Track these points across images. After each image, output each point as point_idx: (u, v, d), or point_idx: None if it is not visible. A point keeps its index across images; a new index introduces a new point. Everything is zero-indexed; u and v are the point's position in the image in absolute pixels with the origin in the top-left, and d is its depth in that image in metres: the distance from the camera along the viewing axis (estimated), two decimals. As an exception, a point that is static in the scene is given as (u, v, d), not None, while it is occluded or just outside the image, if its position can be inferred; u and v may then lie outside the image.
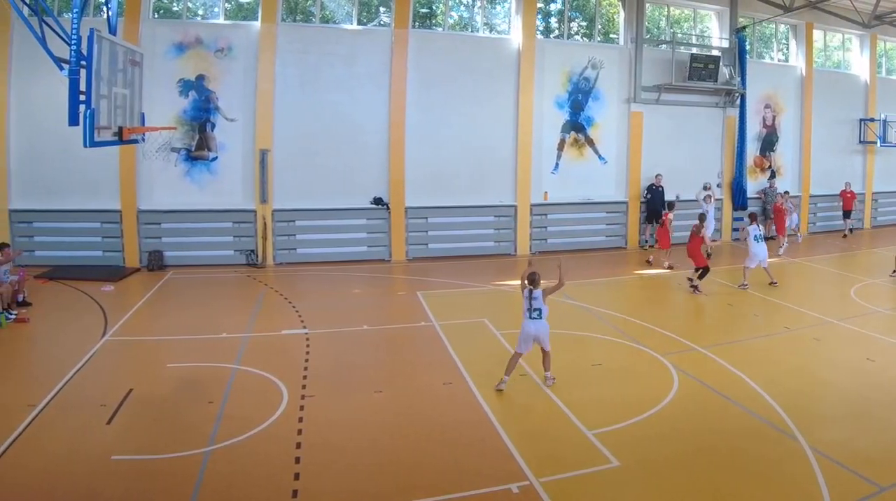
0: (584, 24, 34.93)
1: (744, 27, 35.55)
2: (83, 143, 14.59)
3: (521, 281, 15.23)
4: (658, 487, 11.26)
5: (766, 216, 35.08)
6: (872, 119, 39.93)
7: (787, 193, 35.14)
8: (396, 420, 13.89)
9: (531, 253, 16.90)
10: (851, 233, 35.87)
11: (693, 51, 35.19)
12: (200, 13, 29.73)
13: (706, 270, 24.38)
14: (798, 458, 12.02)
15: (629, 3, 33.80)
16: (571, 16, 34.51)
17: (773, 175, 37.24)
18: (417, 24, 31.23)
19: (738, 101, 35.75)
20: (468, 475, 11.50)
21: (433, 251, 31.07)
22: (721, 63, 34.93)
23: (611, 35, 34.78)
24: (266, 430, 13.05)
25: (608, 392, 15.30)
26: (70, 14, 15.40)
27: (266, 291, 24.98)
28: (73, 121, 14.49)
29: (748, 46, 36.18)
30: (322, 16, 30.53)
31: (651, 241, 32.68)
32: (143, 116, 18.74)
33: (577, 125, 33.20)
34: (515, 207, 32.17)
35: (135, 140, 18.37)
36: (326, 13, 30.90)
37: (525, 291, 15.07)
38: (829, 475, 11.36)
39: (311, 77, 29.35)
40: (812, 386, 15.81)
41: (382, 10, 31.24)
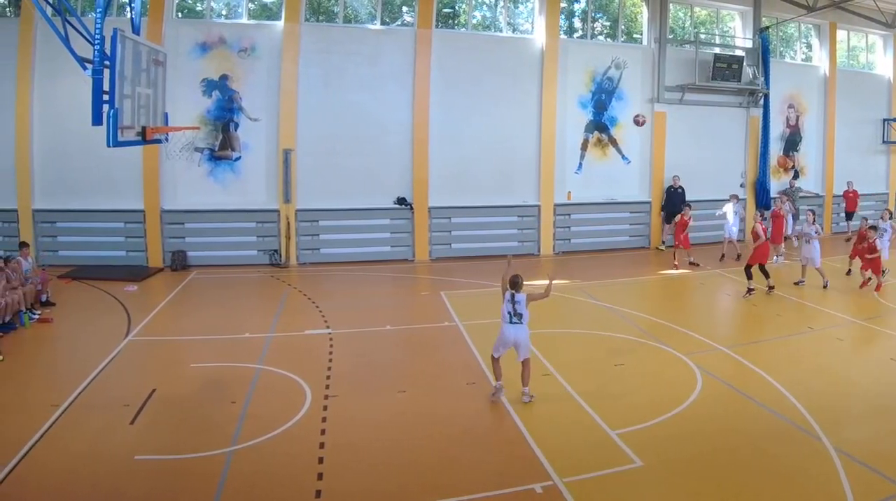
0: (608, 24, 34.80)
1: (767, 27, 35.35)
2: (106, 143, 14.60)
3: (503, 284, 14.85)
4: (681, 487, 11.17)
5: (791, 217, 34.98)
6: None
7: (787, 195, 33.42)
8: (419, 420, 13.83)
9: (510, 256, 16.52)
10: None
11: (716, 51, 35.04)
12: (224, 13, 29.76)
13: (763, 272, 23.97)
14: (821, 458, 11.90)
15: (652, 3, 33.65)
16: (595, 16, 34.39)
17: (797, 175, 37.07)
18: (440, 24, 31.19)
19: (762, 101, 35.51)
20: (492, 475, 11.45)
21: (456, 251, 31.06)
22: (744, 63, 34.73)
23: (634, 35, 34.64)
24: (289, 430, 13.04)
25: (631, 392, 15.20)
26: (93, 14, 15.39)
27: (289, 291, 25.00)
28: (97, 120, 14.51)
29: (771, 46, 35.99)
30: (345, 15, 30.51)
31: (669, 242, 32.55)
32: (167, 116, 18.75)
33: (601, 125, 33.09)
34: (539, 207, 32.11)
35: (158, 140, 18.39)
36: (350, 13, 30.90)
37: (507, 294, 14.61)
38: (853, 475, 11.24)
39: (335, 77, 29.34)
40: (836, 386, 15.69)
41: (405, 10, 31.24)
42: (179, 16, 28.75)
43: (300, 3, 28.55)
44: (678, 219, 28.75)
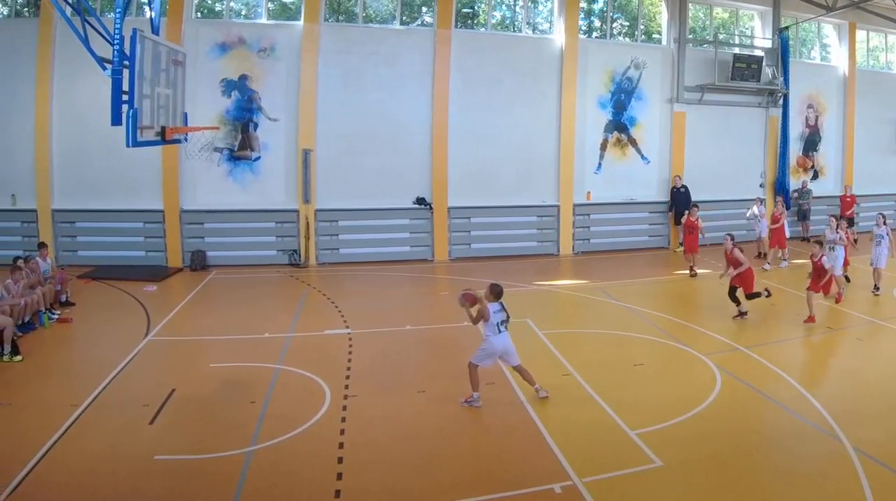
0: (627, 24, 34.77)
1: (786, 27, 35.23)
2: (126, 143, 14.60)
3: (484, 296, 14.48)
4: (700, 487, 11.11)
5: (803, 217, 34.86)
6: (916, 120, 39.23)
7: (760, 200, 32.74)
8: (439, 420, 13.79)
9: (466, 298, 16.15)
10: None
11: (736, 51, 34.89)
12: (243, 13, 29.86)
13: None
14: (840, 458, 11.83)
15: (672, 3, 33.54)
16: (614, 16, 34.34)
17: (816, 175, 36.94)
18: (460, 24, 31.21)
19: (781, 101, 35.38)
20: (511, 475, 11.42)
21: (476, 251, 31.03)
22: (764, 63, 34.59)
23: (653, 35, 34.55)
24: (309, 430, 13.03)
25: (650, 392, 15.16)
26: (113, 14, 15.46)
27: (308, 291, 25.02)
28: (116, 120, 14.50)
29: (791, 46, 35.86)
30: (365, 15, 30.53)
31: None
32: (186, 116, 18.75)
33: (620, 125, 33.01)
34: (558, 207, 32.04)
35: (177, 140, 18.39)
36: (369, 13, 30.92)
37: (495, 305, 14.47)
38: (872, 475, 11.16)
39: (354, 77, 29.34)
40: (855, 386, 15.64)
41: (425, 10, 31.23)
42: (199, 16, 28.85)
43: (320, 3, 28.59)
44: (684, 220, 28.41)
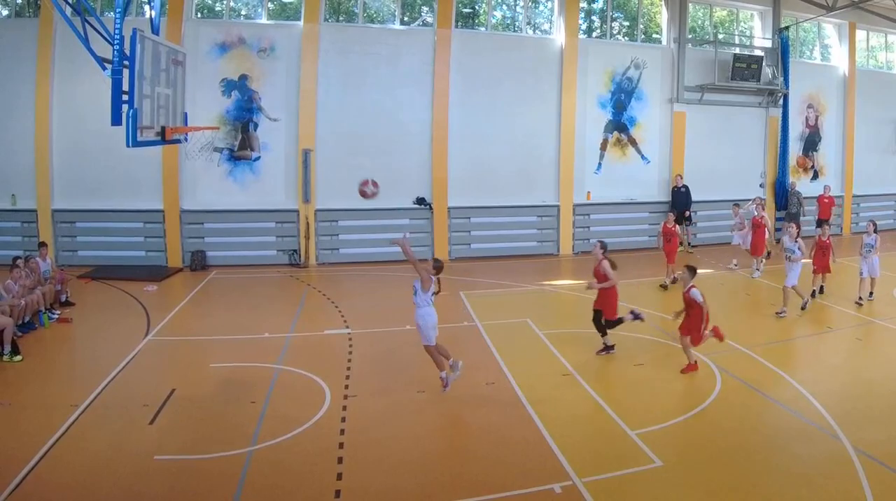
0: (627, 24, 34.77)
1: (786, 27, 35.23)
2: (126, 143, 14.59)
3: (431, 272, 14.79)
4: (701, 487, 11.12)
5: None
6: (915, 119, 39.21)
7: (761, 199, 30.84)
8: (439, 419, 13.87)
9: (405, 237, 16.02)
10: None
11: (736, 51, 34.88)
12: (243, 13, 29.87)
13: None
14: (840, 458, 11.86)
15: (672, 3, 33.55)
16: (614, 16, 34.34)
17: (816, 175, 36.95)
18: (460, 24, 31.21)
19: (781, 101, 35.40)
20: (511, 474, 11.43)
21: (476, 251, 31.05)
22: (764, 63, 34.59)
23: (653, 35, 34.54)
24: (309, 430, 13.04)
25: (651, 391, 15.19)
26: (113, 14, 15.43)
27: (308, 291, 25.04)
28: (116, 120, 14.49)
29: (791, 46, 35.85)
30: (365, 15, 30.53)
31: (693, 241, 32.47)
32: (186, 116, 18.73)
33: (620, 125, 33.01)
34: (558, 207, 32.06)
35: (177, 140, 18.37)
36: (369, 13, 30.91)
37: (434, 278, 14.78)
38: (872, 475, 11.19)
39: (354, 77, 29.32)
40: (855, 386, 15.69)
41: (425, 10, 31.21)
42: (199, 16, 28.83)
43: (319, 3, 28.59)
44: (661, 228, 26.90)
